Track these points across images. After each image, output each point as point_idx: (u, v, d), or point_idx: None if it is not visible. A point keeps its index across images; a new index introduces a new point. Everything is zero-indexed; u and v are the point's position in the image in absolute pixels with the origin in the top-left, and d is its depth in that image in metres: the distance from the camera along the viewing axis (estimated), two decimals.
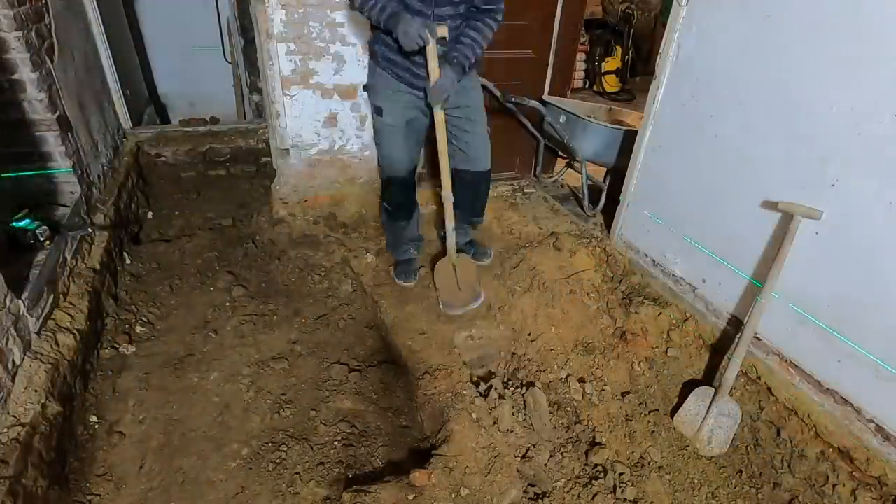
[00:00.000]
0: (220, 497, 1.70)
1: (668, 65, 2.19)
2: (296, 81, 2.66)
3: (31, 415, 1.53)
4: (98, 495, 1.67)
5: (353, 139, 2.92)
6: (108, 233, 2.46)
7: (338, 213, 3.01)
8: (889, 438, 1.65)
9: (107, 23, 3.13)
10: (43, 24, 2.22)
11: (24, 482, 1.41)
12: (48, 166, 2.26)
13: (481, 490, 1.69)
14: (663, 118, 2.28)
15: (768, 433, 1.94)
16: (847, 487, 1.71)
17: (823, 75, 1.64)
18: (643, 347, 2.31)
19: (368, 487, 1.64)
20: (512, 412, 1.95)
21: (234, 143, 3.71)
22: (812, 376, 1.84)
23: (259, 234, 2.96)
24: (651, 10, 6.55)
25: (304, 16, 2.51)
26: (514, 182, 3.39)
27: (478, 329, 2.31)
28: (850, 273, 1.68)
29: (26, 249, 1.96)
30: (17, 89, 2.06)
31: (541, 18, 2.95)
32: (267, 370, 2.15)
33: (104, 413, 1.92)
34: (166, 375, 2.10)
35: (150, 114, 4.33)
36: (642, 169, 2.45)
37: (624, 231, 2.65)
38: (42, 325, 1.81)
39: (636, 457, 1.95)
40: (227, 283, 2.61)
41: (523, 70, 3.10)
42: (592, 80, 6.33)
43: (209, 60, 4.65)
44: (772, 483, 1.84)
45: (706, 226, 2.17)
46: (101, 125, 2.92)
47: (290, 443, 1.87)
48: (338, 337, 2.38)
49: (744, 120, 1.92)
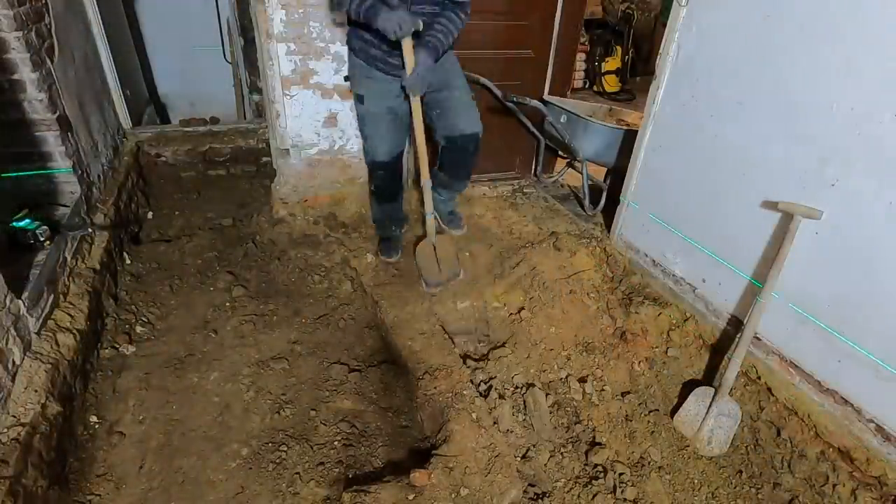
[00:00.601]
0: (220, 497, 1.70)
1: (668, 65, 2.19)
2: (296, 81, 2.66)
3: (31, 415, 1.53)
4: (98, 495, 1.67)
5: (353, 139, 2.92)
6: (108, 233, 2.46)
7: (338, 213, 3.02)
8: (889, 438, 1.65)
9: (107, 23, 3.13)
10: (43, 24, 2.22)
11: (24, 482, 1.41)
12: (48, 166, 2.26)
13: (481, 490, 1.69)
14: (663, 118, 2.28)
15: (768, 433, 1.94)
16: (847, 487, 1.71)
17: (823, 75, 1.64)
18: (643, 347, 2.31)
19: (368, 487, 1.64)
20: (512, 412, 1.95)
21: (234, 143, 3.71)
22: (812, 376, 1.84)
23: (259, 234, 2.96)
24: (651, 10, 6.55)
25: (304, 16, 2.51)
26: (514, 182, 3.39)
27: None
28: (850, 273, 1.68)
29: (26, 249, 1.96)
30: (17, 89, 2.06)
31: (541, 18, 2.95)
32: (267, 370, 2.15)
33: (104, 413, 1.92)
34: (166, 375, 2.10)
35: (150, 114, 4.33)
36: (642, 169, 2.45)
37: (624, 231, 2.65)
38: (42, 325, 1.81)
39: (636, 457, 1.95)
40: (227, 283, 2.61)
41: (523, 70, 3.10)
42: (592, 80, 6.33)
43: (209, 60, 4.66)
44: (772, 483, 1.84)
45: (706, 226, 2.17)
46: (101, 125, 2.92)
47: (290, 443, 1.87)
48: (338, 337, 2.38)
49: (744, 120, 1.92)
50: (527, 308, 2.43)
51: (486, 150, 3.29)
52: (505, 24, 2.90)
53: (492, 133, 3.21)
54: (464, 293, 2.48)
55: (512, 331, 2.37)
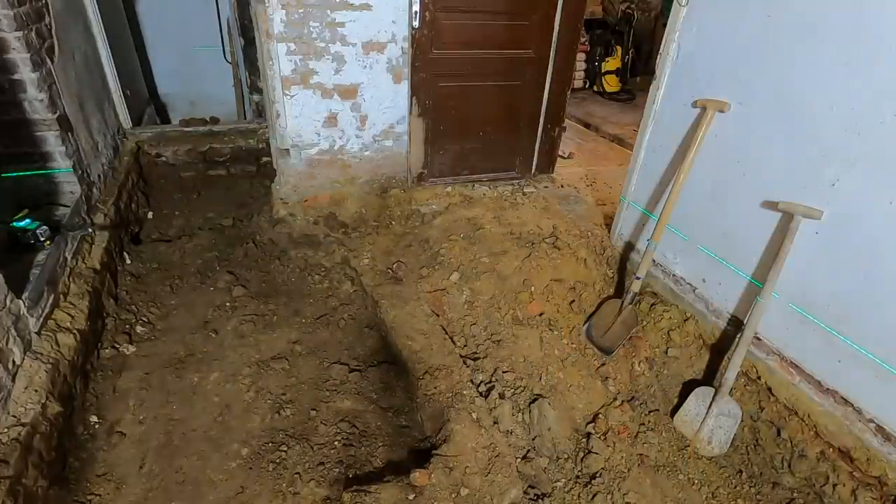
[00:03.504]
0: (220, 497, 1.70)
1: (668, 65, 2.19)
2: (296, 81, 2.66)
3: (32, 415, 1.53)
4: (98, 495, 1.67)
5: (353, 139, 2.92)
6: (108, 233, 2.46)
7: (338, 213, 3.01)
8: (889, 438, 1.65)
9: (107, 23, 3.13)
10: (43, 24, 2.22)
11: (24, 482, 1.41)
12: (48, 166, 2.26)
13: (481, 490, 1.69)
14: (663, 118, 2.28)
15: (768, 433, 1.94)
16: (847, 487, 1.71)
17: (823, 75, 1.64)
18: (643, 347, 2.31)
19: (368, 487, 1.64)
20: (512, 412, 1.95)
21: (234, 143, 3.71)
22: (812, 376, 1.84)
23: (259, 234, 2.96)
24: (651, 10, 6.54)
25: (304, 16, 2.51)
26: (514, 182, 3.39)
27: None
28: (851, 273, 1.68)
29: (26, 249, 1.96)
30: (18, 89, 2.06)
31: (541, 18, 2.95)
32: (267, 370, 2.15)
33: (104, 413, 1.92)
34: (166, 375, 2.10)
35: (150, 114, 4.33)
36: (642, 169, 2.45)
37: (624, 231, 2.65)
38: (42, 324, 1.81)
39: (636, 457, 1.95)
40: (228, 283, 2.61)
41: (523, 70, 3.10)
42: (592, 80, 6.33)
43: (209, 60, 4.66)
44: (772, 483, 1.84)
45: (706, 226, 2.17)
46: (102, 125, 2.92)
47: (290, 443, 1.87)
48: (338, 337, 2.38)
49: (744, 120, 1.92)
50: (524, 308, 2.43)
51: (486, 150, 3.30)
52: (505, 24, 2.89)
53: (492, 133, 3.22)
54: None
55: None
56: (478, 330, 2.32)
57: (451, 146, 3.19)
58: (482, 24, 2.84)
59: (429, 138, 3.09)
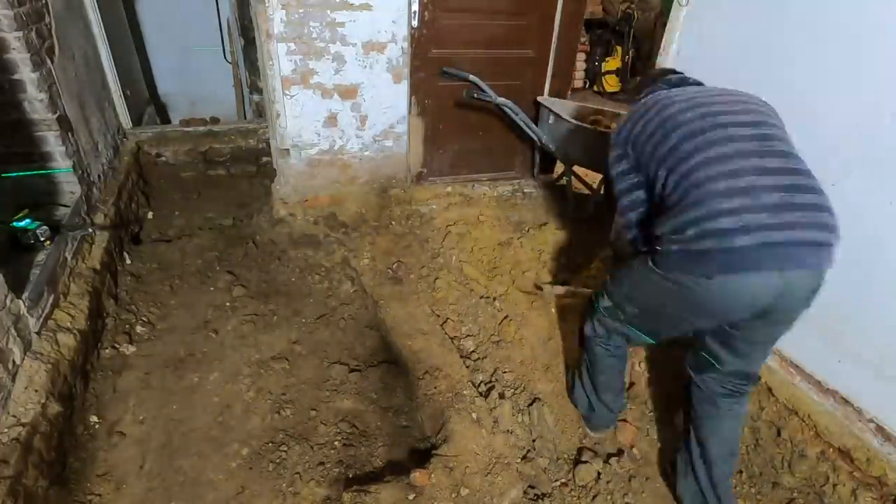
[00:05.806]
0: (220, 497, 1.70)
1: (668, 65, 2.19)
2: (296, 81, 2.66)
3: (32, 415, 1.53)
4: (98, 495, 1.67)
5: (353, 139, 2.93)
6: (108, 233, 2.46)
7: (338, 213, 3.02)
8: (889, 438, 1.65)
9: (107, 23, 3.13)
10: (43, 24, 2.22)
11: (24, 482, 1.41)
12: (48, 166, 2.27)
13: (481, 490, 1.69)
14: None
15: (768, 433, 1.94)
16: (847, 487, 1.71)
17: (823, 75, 1.64)
18: (643, 347, 2.31)
19: (368, 487, 1.64)
20: (512, 412, 1.95)
21: (234, 143, 3.72)
22: (812, 376, 1.84)
23: (259, 234, 2.96)
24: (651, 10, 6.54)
25: (304, 16, 2.51)
26: (514, 182, 3.39)
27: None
28: (851, 273, 1.67)
29: (26, 249, 1.96)
30: (18, 89, 2.07)
31: (541, 18, 2.96)
32: (267, 370, 2.16)
33: (104, 413, 1.92)
34: (167, 375, 2.10)
35: (150, 114, 4.33)
36: None
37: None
38: (42, 324, 1.81)
39: (636, 456, 1.95)
40: (228, 283, 2.62)
41: (523, 70, 3.10)
42: (592, 80, 6.33)
43: (209, 60, 4.66)
44: (772, 483, 1.84)
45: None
46: (102, 125, 2.92)
47: (290, 443, 1.87)
48: (338, 337, 2.38)
49: None
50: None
51: (486, 150, 3.30)
52: (505, 24, 2.90)
53: (492, 133, 3.22)
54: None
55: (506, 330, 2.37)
56: (478, 330, 2.32)
57: (451, 146, 3.19)
58: (482, 24, 2.84)
59: (428, 138, 3.09)
